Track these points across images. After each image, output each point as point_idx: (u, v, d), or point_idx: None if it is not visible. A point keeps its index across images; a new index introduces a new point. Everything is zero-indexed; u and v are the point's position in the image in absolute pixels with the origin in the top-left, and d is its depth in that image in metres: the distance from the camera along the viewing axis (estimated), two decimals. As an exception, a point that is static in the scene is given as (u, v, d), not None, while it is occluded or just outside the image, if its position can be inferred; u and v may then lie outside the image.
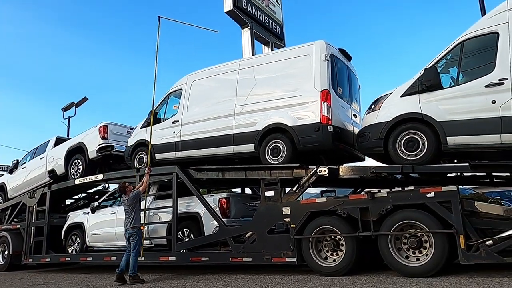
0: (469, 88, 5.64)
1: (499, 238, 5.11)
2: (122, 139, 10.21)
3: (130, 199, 7.23)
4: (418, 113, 5.95)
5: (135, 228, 7.17)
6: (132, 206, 7.20)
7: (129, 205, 7.21)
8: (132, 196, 7.25)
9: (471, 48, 5.82)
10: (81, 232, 9.87)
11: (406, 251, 5.72)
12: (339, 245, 6.25)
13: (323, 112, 6.81)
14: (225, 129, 7.85)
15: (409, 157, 6.06)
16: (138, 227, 7.23)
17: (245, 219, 7.99)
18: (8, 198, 12.44)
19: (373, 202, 5.92)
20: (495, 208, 5.50)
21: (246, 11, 14.03)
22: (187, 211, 8.20)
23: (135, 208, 7.22)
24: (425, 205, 5.55)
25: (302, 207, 6.58)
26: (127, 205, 7.24)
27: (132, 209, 7.18)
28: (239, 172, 7.60)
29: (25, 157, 12.70)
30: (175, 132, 8.59)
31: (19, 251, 11.04)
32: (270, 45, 15.22)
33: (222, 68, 8.48)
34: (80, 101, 20.15)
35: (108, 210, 9.62)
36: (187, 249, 7.82)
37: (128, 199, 7.25)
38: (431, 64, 6.02)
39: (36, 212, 10.96)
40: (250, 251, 6.97)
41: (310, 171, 6.70)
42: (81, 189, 11.86)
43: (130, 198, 7.24)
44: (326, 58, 7.06)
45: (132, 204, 7.21)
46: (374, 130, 6.36)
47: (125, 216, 7.30)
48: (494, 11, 5.75)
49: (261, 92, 7.68)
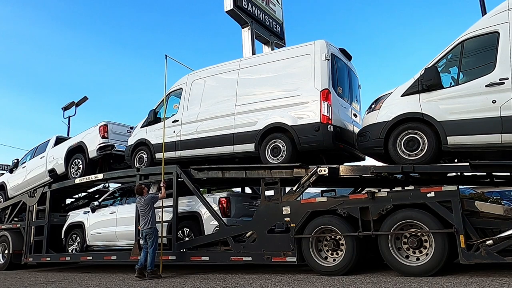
0: (469, 87, 5.64)
1: (499, 238, 5.11)
2: (122, 139, 10.23)
3: (146, 201, 7.59)
4: (419, 113, 5.95)
5: (152, 228, 7.50)
6: (148, 207, 7.57)
7: (144, 206, 7.57)
8: (147, 198, 7.65)
9: (472, 48, 5.81)
10: (81, 232, 9.88)
11: (406, 250, 5.72)
12: (339, 244, 6.25)
13: (324, 111, 6.81)
14: (225, 128, 7.86)
15: (410, 156, 6.06)
16: (154, 227, 7.55)
17: (245, 218, 7.99)
18: (9, 197, 12.46)
19: (373, 201, 5.92)
20: (495, 207, 5.49)
21: (246, 11, 14.01)
22: (187, 210, 8.20)
23: (150, 210, 7.58)
24: (425, 205, 5.55)
25: (302, 206, 6.58)
26: (143, 206, 7.60)
27: (148, 211, 7.55)
28: (239, 172, 7.60)
29: (25, 156, 12.70)
30: (175, 131, 8.59)
31: (19, 251, 11.05)
32: (270, 45, 15.20)
33: (222, 68, 8.48)
34: (80, 101, 20.12)
35: (108, 209, 9.63)
36: (187, 248, 7.82)
37: (144, 200, 7.61)
38: (432, 64, 6.02)
39: (36, 211, 10.95)
40: (250, 251, 6.97)
41: (310, 171, 6.71)
42: (81, 189, 11.86)
43: (146, 200, 7.61)
44: (327, 58, 7.06)
45: (148, 205, 7.57)
46: (375, 130, 6.36)
47: (141, 217, 7.66)
48: (494, 10, 5.75)
49: (261, 91, 7.68)
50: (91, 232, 9.60)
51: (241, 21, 14.06)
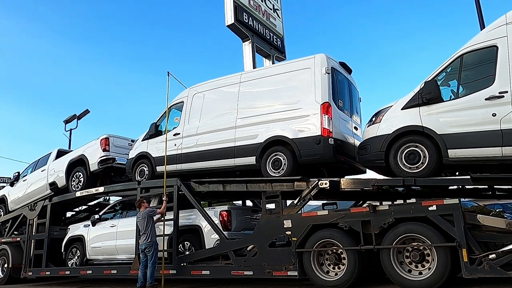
0: (469, 101, 5.66)
1: (502, 252, 5.07)
2: (123, 152, 10.23)
3: (143, 215, 7.59)
4: (419, 126, 5.96)
5: (151, 242, 7.46)
6: (146, 221, 7.53)
7: (143, 220, 7.55)
8: (144, 212, 7.62)
9: (471, 62, 5.85)
10: (81, 245, 9.82)
11: (408, 264, 5.68)
12: (341, 258, 6.20)
13: (324, 124, 6.83)
14: (226, 141, 7.87)
15: (411, 169, 6.05)
16: (154, 241, 7.52)
17: (246, 232, 7.95)
18: (9, 210, 12.40)
19: (375, 215, 5.89)
20: (498, 221, 5.45)
21: (247, 25, 14.18)
22: (188, 224, 8.17)
23: (149, 224, 7.54)
24: (427, 218, 5.52)
25: (303, 220, 6.55)
26: (141, 220, 7.59)
27: (147, 225, 7.51)
28: (240, 185, 7.59)
29: (26, 169, 12.70)
30: (176, 144, 8.61)
31: (18, 264, 10.96)
32: (271, 58, 15.34)
33: (223, 81, 8.53)
34: (82, 114, 20.20)
35: (108, 223, 9.59)
36: (187, 262, 7.76)
37: (141, 215, 7.63)
38: (431, 77, 6.06)
39: (37, 224, 10.91)
40: (251, 265, 6.91)
41: (311, 184, 6.69)
42: (82, 202, 11.83)
43: (143, 214, 7.61)
44: (327, 71, 7.11)
45: (145, 219, 7.54)
46: (375, 143, 6.37)
47: (141, 232, 7.62)
48: (492, 25, 5.81)
49: (262, 104, 7.71)
50: (91, 246, 9.54)
51: (242, 35, 14.22)
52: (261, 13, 15.21)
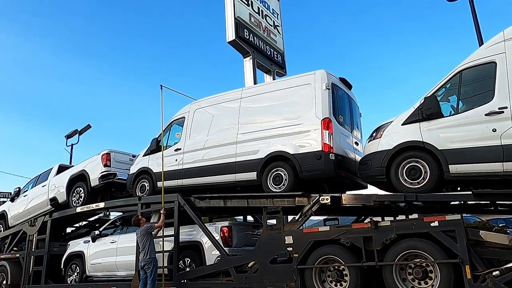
0: (469, 116, 5.68)
1: (506, 269, 5.02)
2: (124, 167, 10.23)
3: (142, 232, 7.57)
4: (419, 141, 5.98)
5: (150, 258, 7.42)
6: (145, 238, 7.50)
7: (141, 237, 7.53)
8: (143, 229, 7.60)
9: (470, 77, 5.90)
10: (81, 261, 9.75)
11: (411, 281, 5.61)
12: (343, 275, 6.13)
13: (325, 140, 6.85)
14: (227, 157, 7.88)
15: (412, 185, 6.04)
16: (153, 257, 7.47)
17: (247, 248, 7.88)
18: (9, 226, 12.35)
19: (377, 231, 5.85)
20: (500, 237, 5.40)
21: (248, 41, 14.36)
22: (188, 240, 8.12)
23: (148, 240, 7.50)
24: (429, 234, 5.48)
25: (305, 236, 6.50)
26: (140, 237, 7.56)
27: (145, 241, 7.48)
28: (241, 200, 7.56)
29: (27, 184, 12.69)
30: (177, 160, 8.62)
31: (17, 281, 10.87)
32: (271, 74, 15.48)
33: (224, 97, 8.59)
34: (83, 129, 20.31)
35: (109, 238, 9.53)
36: (188, 279, 7.68)
37: (140, 231, 7.60)
38: (431, 93, 6.10)
39: (36, 240, 10.84)
40: (253, 281, 6.84)
41: (312, 200, 6.67)
42: (82, 217, 11.79)
43: (142, 231, 7.58)
44: (327, 87, 7.16)
45: (144, 236, 7.52)
46: (376, 158, 6.37)
47: (140, 249, 7.60)
48: (490, 41, 5.87)
49: (263, 120, 7.75)
50: (91, 262, 9.46)
51: (243, 51, 14.39)
52: (262, 30, 15.42)
